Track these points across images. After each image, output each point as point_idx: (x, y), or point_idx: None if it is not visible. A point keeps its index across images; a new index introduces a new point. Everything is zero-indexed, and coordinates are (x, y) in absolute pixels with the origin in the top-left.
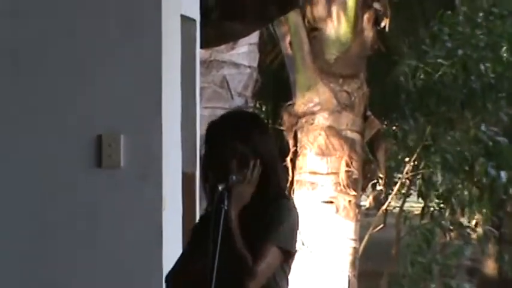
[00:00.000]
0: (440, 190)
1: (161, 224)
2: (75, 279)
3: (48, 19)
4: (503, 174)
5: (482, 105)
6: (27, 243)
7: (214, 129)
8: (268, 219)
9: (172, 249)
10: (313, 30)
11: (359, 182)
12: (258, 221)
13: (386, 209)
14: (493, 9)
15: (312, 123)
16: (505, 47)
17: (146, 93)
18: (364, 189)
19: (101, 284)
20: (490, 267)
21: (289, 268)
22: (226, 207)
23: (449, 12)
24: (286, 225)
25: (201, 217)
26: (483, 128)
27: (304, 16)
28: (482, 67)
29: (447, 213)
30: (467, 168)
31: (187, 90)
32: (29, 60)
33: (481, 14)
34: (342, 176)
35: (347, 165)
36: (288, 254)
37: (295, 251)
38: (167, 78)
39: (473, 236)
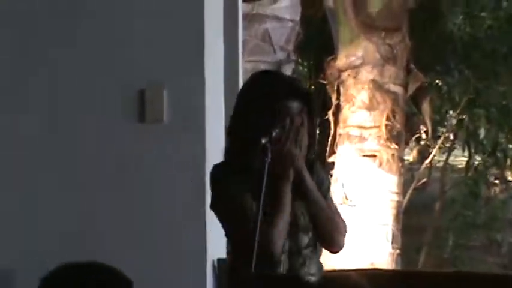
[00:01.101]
0: (485, 144)
1: (204, 177)
2: (118, 232)
3: None
4: None
5: None
6: (72, 196)
7: (260, 87)
8: (321, 181)
9: None
10: None
11: (402, 136)
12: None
13: (430, 163)
14: None
15: (354, 77)
16: None
17: (188, 47)
18: (407, 143)
19: (144, 236)
20: None
21: None
22: (269, 160)
23: None
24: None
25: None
26: None
27: None
28: None
29: (492, 168)
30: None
31: (229, 43)
32: (71, 15)
33: None
34: (384, 129)
35: (389, 118)
36: None
37: None
38: (209, 31)
39: None
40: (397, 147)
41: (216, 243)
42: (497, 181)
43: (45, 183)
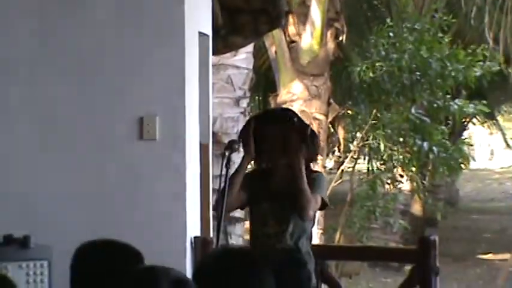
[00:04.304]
0: (383, 156)
1: (185, 180)
2: (121, 216)
3: (107, 29)
4: (425, 144)
5: (411, 94)
6: (88, 199)
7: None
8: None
9: (192, 199)
10: (292, 43)
11: (324, 150)
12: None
13: (342, 169)
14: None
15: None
16: (423, 50)
17: (174, 88)
18: (328, 155)
19: (140, 219)
20: (417, 209)
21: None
22: (230, 168)
23: (384, 26)
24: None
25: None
26: (412, 110)
27: (285, 32)
28: (413, 66)
29: (386, 172)
30: (401, 139)
31: (203, 85)
32: (92, 66)
33: (405, 28)
34: None
35: None
36: (323, 206)
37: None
38: (189, 77)
39: (405, 187)
40: (321, 157)
41: (194, 225)
42: (389, 181)
43: (74, 182)
